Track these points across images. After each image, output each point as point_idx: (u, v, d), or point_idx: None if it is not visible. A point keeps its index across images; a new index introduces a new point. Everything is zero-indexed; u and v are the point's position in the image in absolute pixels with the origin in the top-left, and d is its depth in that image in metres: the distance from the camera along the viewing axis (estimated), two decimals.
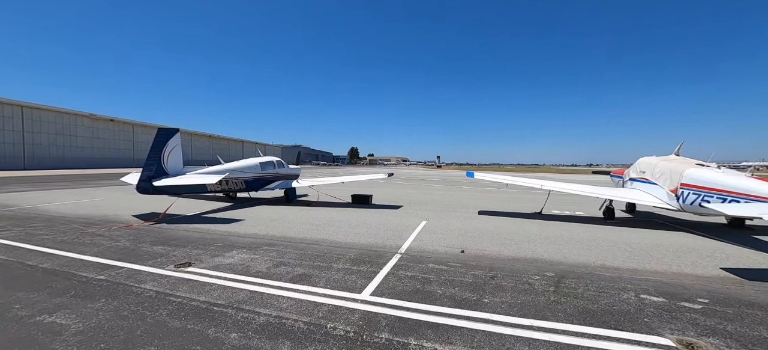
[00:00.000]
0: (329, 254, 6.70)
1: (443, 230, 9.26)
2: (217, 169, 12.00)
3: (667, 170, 10.23)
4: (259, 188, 14.05)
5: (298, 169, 17.36)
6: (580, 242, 8.05)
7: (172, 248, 6.94)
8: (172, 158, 10.58)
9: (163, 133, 10.29)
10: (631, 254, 7.00)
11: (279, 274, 5.43)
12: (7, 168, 46.76)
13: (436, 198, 17.79)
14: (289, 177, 15.61)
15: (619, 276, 5.64)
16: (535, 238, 8.36)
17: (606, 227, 10.01)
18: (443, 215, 11.77)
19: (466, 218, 11.37)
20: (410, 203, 15.01)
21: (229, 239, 7.80)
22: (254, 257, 6.40)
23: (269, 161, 14.91)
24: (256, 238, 8.01)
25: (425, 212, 12.36)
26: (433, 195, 19.47)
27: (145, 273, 5.46)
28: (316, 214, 11.64)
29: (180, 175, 10.75)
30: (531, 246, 7.55)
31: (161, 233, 8.47)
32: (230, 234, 8.40)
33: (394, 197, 17.83)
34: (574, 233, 9.09)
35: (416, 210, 12.91)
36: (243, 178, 13.19)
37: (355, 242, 7.66)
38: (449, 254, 6.84)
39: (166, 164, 10.38)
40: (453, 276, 5.45)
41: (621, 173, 13.51)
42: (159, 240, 7.64)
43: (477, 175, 12.77)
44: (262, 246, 7.20)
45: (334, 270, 5.66)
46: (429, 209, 13.15)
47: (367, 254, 6.68)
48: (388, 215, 11.57)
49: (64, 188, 20.71)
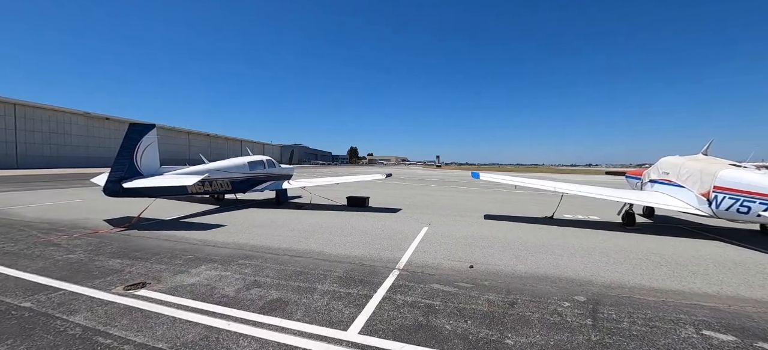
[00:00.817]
0: (315, 270, 5.67)
1: (447, 238, 8.23)
2: (196, 169, 10.96)
3: (695, 172, 9.21)
4: (248, 189, 13.03)
5: (291, 169, 16.33)
6: (605, 253, 7.03)
7: (131, 262, 5.92)
8: (147, 156, 9.54)
9: (136, 129, 9.26)
10: (669, 270, 5.97)
11: (248, 300, 4.41)
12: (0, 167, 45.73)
13: (438, 200, 16.77)
14: (281, 178, 14.58)
15: (664, 302, 4.61)
16: (552, 248, 7.34)
17: (628, 235, 8.99)
18: (446, 220, 10.74)
19: (472, 223, 10.34)
20: (410, 206, 13.98)
21: (202, 251, 6.78)
22: (224, 274, 5.37)
23: (259, 161, 13.88)
24: (233, 248, 6.99)
25: (426, 217, 11.33)
26: (435, 197, 18.45)
27: (83, 297, 4.43)
28: (307, 218, 10.62)
29: (156, 176, 9.73)
30: (550, 259, 6.52)
31: (127, 241, 7.45)
32: (206, 243, 7.37)
33: (393, 199, 16.81)
34: (594, 242, 8.07)
35: (416, 214, 11.89)
36: (228, 178, 12.16)
37: (346, 255, 6.63)
38: (456, 270, 5.81)
39: (139, 164, 9.35)
40: (464, 303, 4.43)
41: (638, 174, 12.47)
42: (121, 251, 6.62)
43: (483, 176, 11.75)
44: (237, 260, 6.17)
45: (317, 294, 4.64)
46: (430, 213, 12.13)
47: (360, 271, 5.65)
48: (386, 220, 10.54)
49: (50, 187, 19.69)
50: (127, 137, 9.10)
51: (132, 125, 9.18)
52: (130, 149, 9.15)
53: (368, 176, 14.43)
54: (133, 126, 9.19)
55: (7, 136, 49.70)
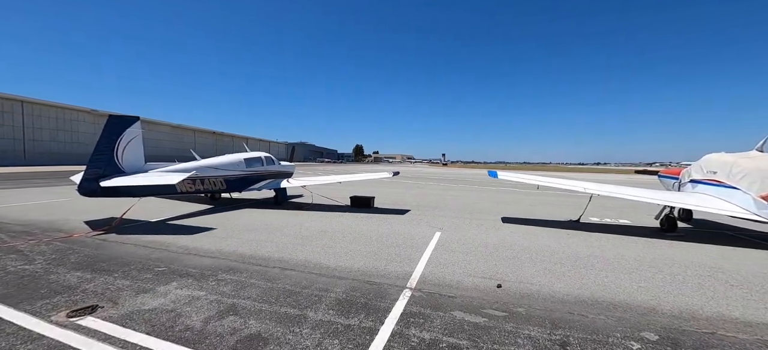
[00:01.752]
0: (308, 289, 4.66)
1: (465, 245, 7.15)
2: (184, 167, 10.03)
3: (752, 171, 7.95)
4: (244, 188, 12.10)
5: (292, 167, 15.37)
6: (657, 268, 5.88)
7: (92, 276, 4.98)
8: (130, 152, 8.64)
9: (116, 121, 8.36)
10: (747, 292, 4.81)
11: (218, 336, 3.41)
12: (7, 163, 45.93)
13: (448, 201, 15.65)
14: (280, 176, 13.62)
15: (765, 342, 3.49)
16: (590, 261, 6.21)
17: (673, 243, 7.79)
18: (460, 224, 9.65)
19: (489, 228, 9.23)
20: (419, 207, 12.91)
21: (180, 261, 5.82)
22: (197, 295, 4.39)
23: (256, 158, 12.94)
24: (217, 257, 6.02)
25: (438, 220, 10.25)
26: (445, 197, 17.33)
27: (11, 328, 3.48)
28: (306, 221, 9.63)
29: (141, 173, 8.83)
30: (593, 276, 5.40)
31: (100, 248, 6.54)
32: (187, 251, 6.42)
33: (400, 199, 15.75)
34: (637, 252, 6.91)
35: (427, 216, 10.81)
36: (223, 176, 11.24)
37: (347, 268, 5.61)
38: (481, 290, 4.74)
39: (120, 160, 8.45)
40: (499, 342, 3.36)
41: (675, 172, 11.18)
42: (86, 261, 5.70)
43: (502, 175, 10.60)
44: (217, 273, 5.19)
45: (307, 326, 3.62)
46: (442, 215, 11.04)
47: (363, 290, 4.62)
48: (394, 224, 9.49)
49: (45, 185, 19.09)
50: (107, 131, 8.20)
51: (112, 118, 8.28)
52: (110, 144, 8.26)
53: (374, 175, 13.36)
54: (113, 118, 8.30)
55: (15, 133, 49.95)
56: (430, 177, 37.48)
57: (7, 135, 48.66)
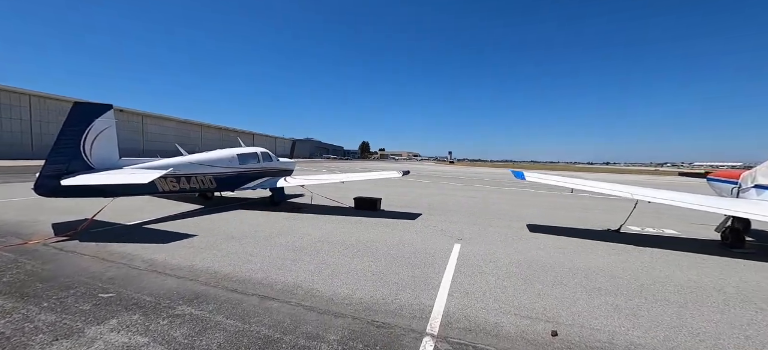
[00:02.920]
0: (292, 334, 3.39)
1: (493, 264, 5.80)
2: (162, 164, 8.84)
3: None
4: (237, 186, 10.91)
5: (292, 163, 14.14)
6: (752, 302, 4.45)
7: (14, 306, 3.79)
8: (101, 145, 7.49)
9: (84, 110, 7.19)
10: None
11: None
12: (14, 157, 45.83)
13: (461, 202, 14.27)
14: (278, 174, 12.41)
15: None
16: (659, 290, 4.81)
17: (750, 264, 6.32)
18: (481, 232, 8.29)
19: (516, 238, 7.86)
20: (430, 210, 11.57)
21: (138, 281, 4.61)
22: (135, 343, 3.16)
23: (251, 154, 11.73)
24: (184, 278, 4.80)
25: (454, 226, 8.90)
26: (457, 197, 15.93)
27: None
28: (302, 226, 8.38)
29: (115, 170, 7.69)
30: (674, 317, 4.01)
31: (50, 260, 5.38)
32: (152, 266, 5.22)
33: (409, 199, 14.41)
34: (714, 278, 5.47)
35: (441, 221, 9.47)
36: (212, 174, 10.05)
37: (346, 297, 4.32)
38: (532, 340, 3.41)
39: (88, 155, 7.30)
40: None
41: (732, 176, 9.58)
42: (21, 281, 4.53)
43: (529, 176, 9.12)
44: (176, 305, 3.96)
45: None
46: (458, 221, 9.69)
47: (366, 339, 3.33)
48: (403, 231, 8.18)
49: None
50: (72, 121, 7.03)
51: (78, 105, 7.11)
52: (76, 136, 7.09)
53: (381, 174, 11.97)
54: (79, 106, 7.13)
55: (23, 126, 49.99)
56: (437, 175, 36.04)
57: (14, 128, 48.73)
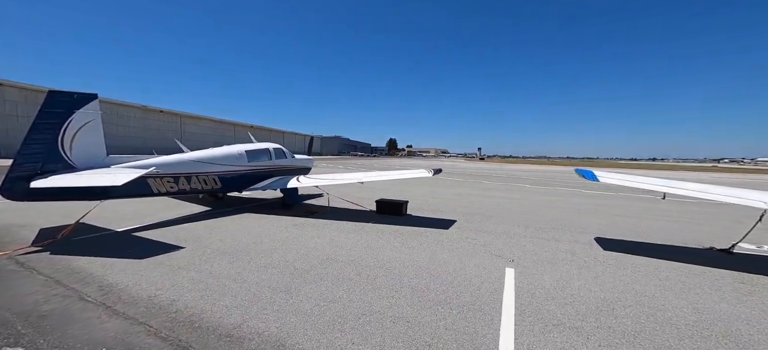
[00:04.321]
0: None
1: (573, 309, 3.93)
2: (146, 163, 7.72)
3: None
4: (245, 186, 9.75)
5: (308, 161, 12.84)
6: None
7: None
8: (83, 141, 6.51)
9: (61, 99, 6.21)
10: None
11: None
12: None
13: (503, 204, 12.19)
14: (292, 172, 11.12)
15: None
16: None
17: None
18: (538, 248, 6.34)
19: (590, 259, 5.84)
20: (467, 216, 9.69)
21: (68, 326, 3.34)
22: None
23: (261, 150, 10.52)
24: (133, 319, 3.47)
25: (501, 240, 7.01)
26: (496, 199, 13.80)
27: None
28: (311, 237, 6.92)
29: (101, 168, 6.70)
30: None
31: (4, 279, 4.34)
32: (104, 297, 3.97)
33: (440, 201, 12.56)
34: None
35: (482, 232, 7.61)
36: (216, 173, 8.91)
37: None
38: None
39: (68, 152, 6.32)
40: None
41: None
42: None
43: (603, 176, 6.87)
44: None
45: None
46: (504, 231, 7.76)
47: None
48: (436, 247, 6.43)
49: None
50: (45, 113, 6.03)
51: (53, 94, 6.12)
52: (51, 130, 6.12)
53: (408, 173, 10.04)
54: (55, 95, 6.13)
55: None
56: (469, 173, 33.50)
57: None
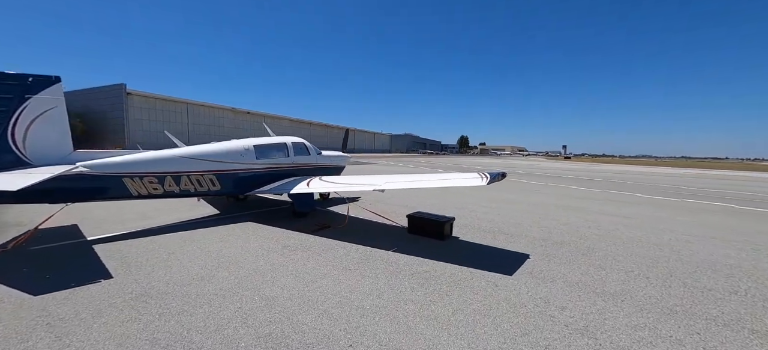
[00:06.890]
0: None
1: None
2: (112, 161, 6.27)
3: None
4: (251, 188, 8.10)
5: (340, 159, 10.70)
6: None
7: None
8: (40, 133, 5.46)
9: (11, 82, 5.19)
10: None
11: None
12: None
13: (607, 228, 8.06)
14: (313, 172, 9.11)
15: None
16: None
17: None
18: (698, 338, 2.85)
19: None
20: (547, 244, 6.22)
21: None
22: None
23: (275, 144, 8.76)
24: None
25: (621, 309, 3.60)
26: (595, 217, 9.50)
27: None
28: (308, 271, 4.62)
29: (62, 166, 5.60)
30: None
31: None
32: None
33: (507, 215, 9.06)
34: None
35: (571, 287, 4.26)
36: (213, 172, 7.40)
37: None
38: None
39: (20, 145, 5.32)
40: None
41: None
42: None
43: None
44: None
45: None
46: (622, 289, 4.26)
47: None
48: (484, 318, 3.45)
49: None
50: None
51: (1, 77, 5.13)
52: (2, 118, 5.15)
53: (451, 179, 6.76)
54: (3, 78, 5.13)
55: (182, 128, 64.15)
56: (550, 175, 27.35)
57: (177, 130, 62.96)
